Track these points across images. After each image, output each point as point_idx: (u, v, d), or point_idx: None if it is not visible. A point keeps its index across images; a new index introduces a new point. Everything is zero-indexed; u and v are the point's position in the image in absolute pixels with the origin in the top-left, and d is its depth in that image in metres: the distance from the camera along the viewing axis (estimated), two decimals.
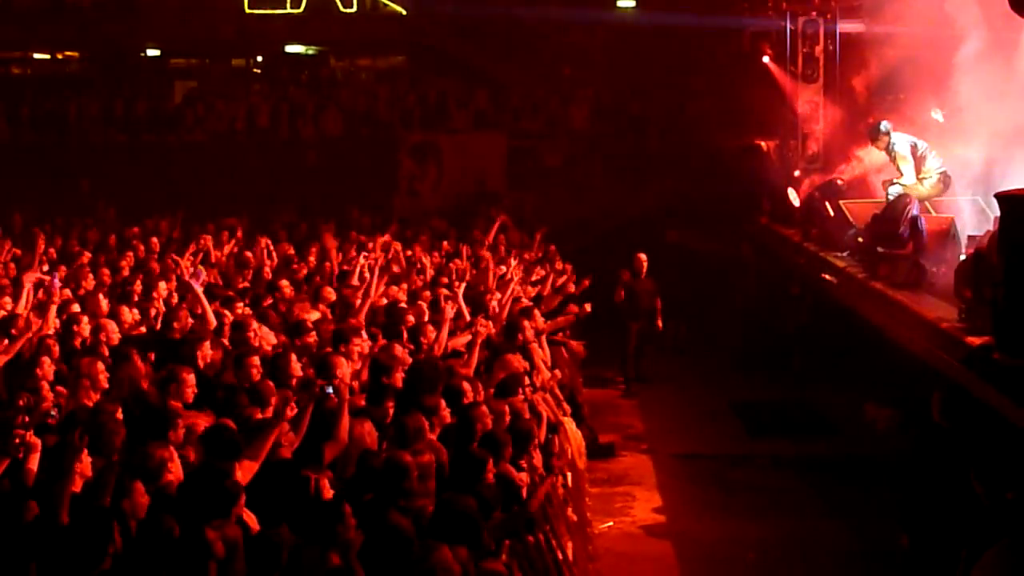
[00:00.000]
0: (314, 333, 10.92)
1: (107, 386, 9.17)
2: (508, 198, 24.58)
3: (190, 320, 11.37)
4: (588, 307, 15.02)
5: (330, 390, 8.31)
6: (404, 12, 28.78)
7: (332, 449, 8.00)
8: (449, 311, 11.70)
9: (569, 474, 10.78)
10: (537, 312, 13.08)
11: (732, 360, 19.54)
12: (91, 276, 14.28)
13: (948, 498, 8.84)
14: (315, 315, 11.98)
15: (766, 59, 20.21)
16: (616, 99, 27.57)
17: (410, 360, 10.13)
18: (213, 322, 11.22)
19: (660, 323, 18.77)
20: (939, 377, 10.72)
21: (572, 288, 16.00)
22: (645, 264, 18.67)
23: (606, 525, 12.65)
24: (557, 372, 12.26)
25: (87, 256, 16.27)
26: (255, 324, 10.95)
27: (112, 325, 10.97)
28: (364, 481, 7.58)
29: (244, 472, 7.49)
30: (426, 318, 11.94)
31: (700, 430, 16.29)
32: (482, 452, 7.98)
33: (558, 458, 10.17)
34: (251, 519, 7.16)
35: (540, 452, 9.62)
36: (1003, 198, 9.22)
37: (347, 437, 8.12)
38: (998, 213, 9.67)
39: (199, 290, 11.70)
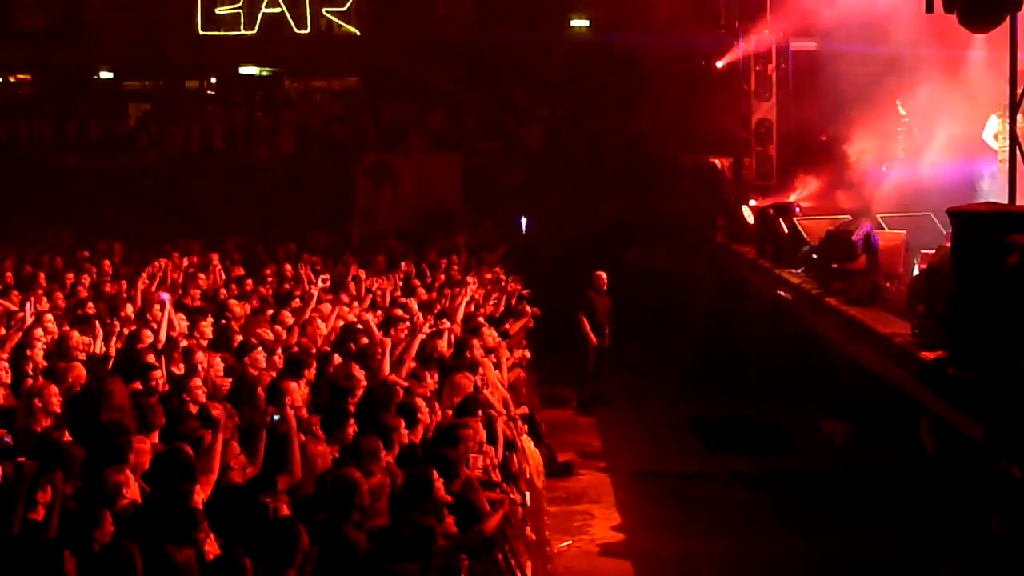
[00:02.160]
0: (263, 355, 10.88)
1: (58, 410, 9.07)
2: (465, 218, 24.55)
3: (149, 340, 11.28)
4: (536, 311, 15.29)
5: (277, 418, 8.28)
6: (358, 33, 28.80)
7: (285, 481, 7.97)
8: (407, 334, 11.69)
9: (527, 493, 10.76)
10: (487, 330, 13.00)
11: (689, 377, 19.57)
12: (45, 299, 14.15)
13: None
14: (269, 335, 11.92)
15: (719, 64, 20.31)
16: (571, 119, 27.65)
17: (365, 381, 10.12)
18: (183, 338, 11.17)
19: (608, 341, 18.73)
20: (893, 392, 10.80)
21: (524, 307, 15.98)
22: (605, 282, 18.69)
23: (565, 544, 12.61)
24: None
25: (42, 279, 16.14)
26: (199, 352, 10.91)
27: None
28: (318, 501, 7.57)
29: (203, 487, 7.53)
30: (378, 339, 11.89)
31: (658, 447, 16.29)
32: (427, 471, 7.93)
33: (516, 478, 10.16)
34: (211, 543, 7.12)
35: (499, 471, 9.63)
36: (955, 214, 9.29)
37: (299, 470, 8.09)
38: (950, 229, 9.75)
39: (168, 308, 11.73)
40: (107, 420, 8.77)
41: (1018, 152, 9.60)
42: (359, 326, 12.51)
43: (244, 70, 30.05)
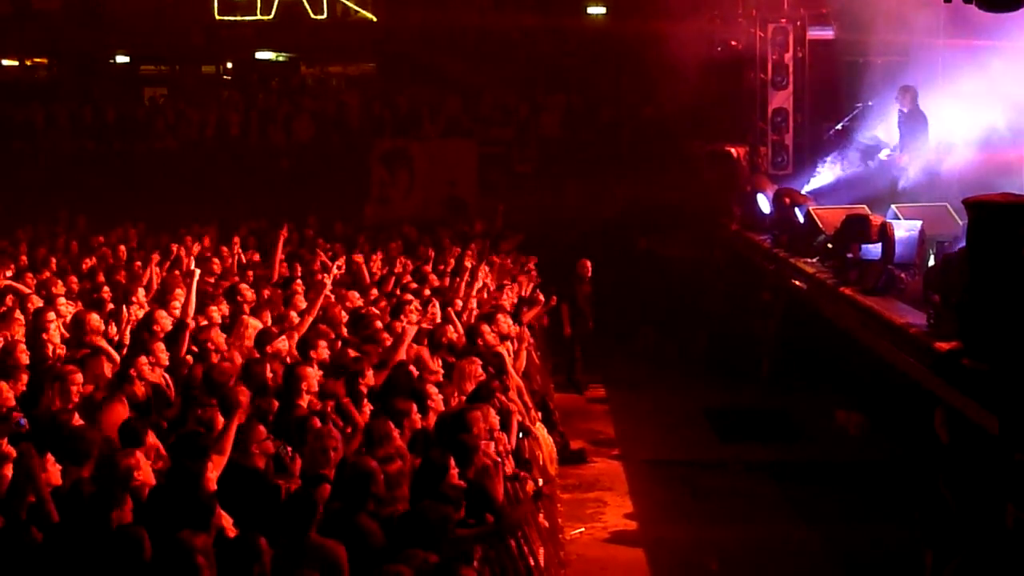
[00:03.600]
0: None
1: (76, 398, 9.11)
2: (479, 205, 24.55)
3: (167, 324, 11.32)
4: (553, 300, 15.43)
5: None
6: (374, 19, 28.80)
7: (299, 462, 8.02)
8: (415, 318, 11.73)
9: (541, 480, 10.78)
10: (503, 317, 13.01)
11: (703, 366, 19.59)
12: (60, 283, 14.20)
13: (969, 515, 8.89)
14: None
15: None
16: (587, 106, 27.61)
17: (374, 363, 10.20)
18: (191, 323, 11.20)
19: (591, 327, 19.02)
20: (908, 383, 10.79)
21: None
22: (589, 270, 18.91)
23: (577, 531, 12.65)
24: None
25: (52, 263, 16.20)
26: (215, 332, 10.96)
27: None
28: (335, 489, 7.61)
29: (215, 468, 7.63)
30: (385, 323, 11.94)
31: (671, 436, 16.30)
32: (443, 456, 7.96)
33: (529, 465, 10.18)
34: (227, 521, 7.17)
35: (512, 458, 9.66)
36: (971, 204, 9.27)
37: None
38: (966, 219, 9.73)
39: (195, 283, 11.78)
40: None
41: None
42: (369, 311, 12.54)
43: (260, 55, 30.08)
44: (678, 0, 22.88)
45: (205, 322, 11.52)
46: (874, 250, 12.91)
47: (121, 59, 30.11)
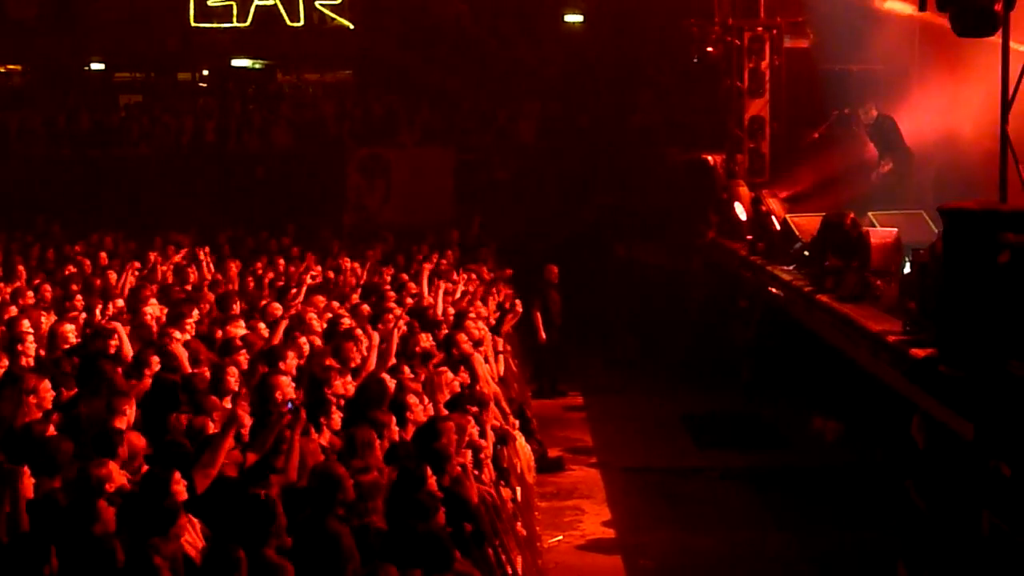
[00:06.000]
0: (245, 351, 10.88)
1: (49, 407, 9.08)
2: (456, 213, 24.53)
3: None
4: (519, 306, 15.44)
5: (290, 405, 8.31)
6: (351, 26, 28.74)
7: (278, 476, 8.00)
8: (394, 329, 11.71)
9: (518, 488, 10.79)
10: (473, 323, 13.00)
11: (681, 373, 19.63)
12: (30, 293, 14.14)
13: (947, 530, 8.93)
14: (241, 331, 11.88)
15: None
16: (564, 113, 27.63)
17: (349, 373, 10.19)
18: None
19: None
20: (884, 390, 10.83)
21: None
22: (556, 276, 19.13)
23: (555, 539, 12.66)
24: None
25: (22, 271, 16.10)
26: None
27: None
28: (305, 496, 7.61)
29: (200, 482, 7.59)
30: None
31: (649, 443, 16.33)
32: (419, 466, 7.96)
33: (507, 473, 10.19)
34: (194, 531, 7.16)
35: (490, 466, 9.66)
36: (947, 212, 9.31)
37: (295, 462, 8.12)
38: (942, 227, 9.77)
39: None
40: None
41: (1009, 151, 9.61)
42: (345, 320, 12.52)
43: (237, 63, 30.00)
44: (655, 8, 22.96)
45: (177, 333, 11.42)
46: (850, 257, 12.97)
47: (96, 66, 29.99)
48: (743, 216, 18.38)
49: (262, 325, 12.27)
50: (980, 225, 8.86)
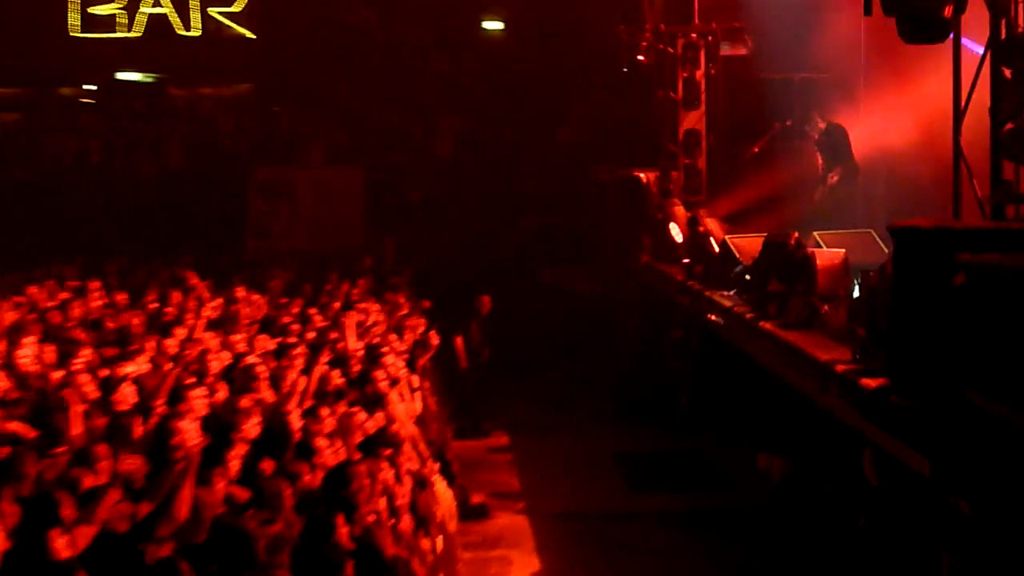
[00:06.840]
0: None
1: None
2: (367, 237, 24.47)
3: None
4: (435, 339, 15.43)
5: None
6: (252, 36, 28.61)
7: (169, 526, 7.88)
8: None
9: (439, 538, 10.72)
10: (391, 360, 12.93)
11: (613, 408, 19.66)
12: None
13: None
14: (130, 368, 11.73)
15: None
16: (484, 128, 27.68)
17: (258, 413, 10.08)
18: None
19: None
20: (834, 423, 10.89)
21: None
22: (488, 307, 19.32)
23: None
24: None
25: None
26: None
27: None
28: (210, 551, 7.51)
29: (79, 539, 7.41)
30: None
31: (580, 486, 16.32)
32: (330, 516, 7.90)
33: (426, 522, 10.13)
34: None
35: (409, 513, 9.60)
36: (897, 231, 9.37)
37: (187, 511, 8.01)
38: (892, 247, 9.86)
39: None
40: None
41: (963, 165, 9.73)
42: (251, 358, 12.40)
43: (124, 76, 29.71)
44: (582, 13, 23.06)
45: (64, 373, 11.26)
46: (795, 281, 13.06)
47: None
48: (679, 238, 18.46)
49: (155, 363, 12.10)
50: (933, 245, 8.92)
